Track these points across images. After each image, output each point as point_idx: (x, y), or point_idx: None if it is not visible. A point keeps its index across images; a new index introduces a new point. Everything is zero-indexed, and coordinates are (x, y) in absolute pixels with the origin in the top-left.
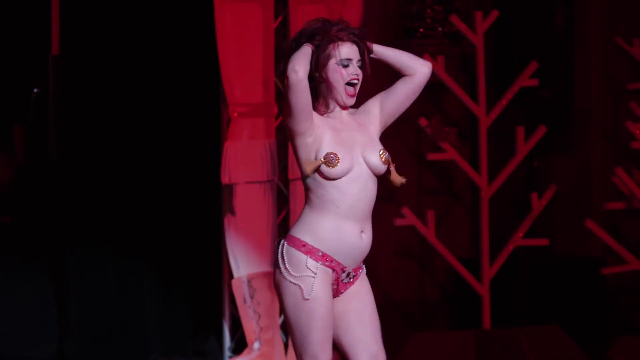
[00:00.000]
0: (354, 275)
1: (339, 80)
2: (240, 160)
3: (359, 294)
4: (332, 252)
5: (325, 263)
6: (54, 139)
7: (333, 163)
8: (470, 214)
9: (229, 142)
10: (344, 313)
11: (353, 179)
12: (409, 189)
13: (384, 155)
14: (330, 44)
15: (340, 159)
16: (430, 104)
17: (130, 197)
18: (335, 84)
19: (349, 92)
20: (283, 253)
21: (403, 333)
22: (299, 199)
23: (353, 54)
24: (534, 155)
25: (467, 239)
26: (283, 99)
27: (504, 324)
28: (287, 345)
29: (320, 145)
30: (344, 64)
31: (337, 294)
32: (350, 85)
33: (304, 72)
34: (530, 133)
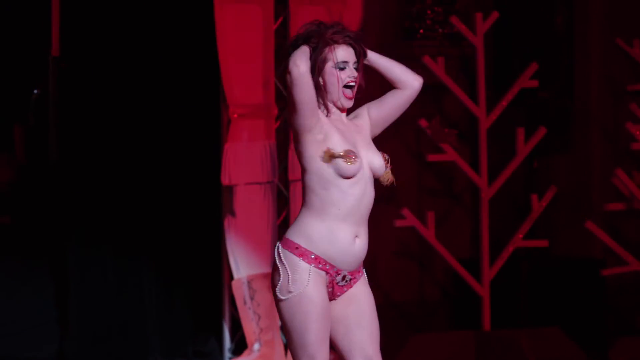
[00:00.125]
0: (351, 279)
1: (336, 83)
2: (241, 162)
3: (358, 298)
4: (325, 255)
5: (319, 266)
6: (54, 140)
7: (351, 160)
8: (470, 215)
9: (229, 143)
10: (343, 316)
11: (356, 181)
12: (409, 190)
13: (385, 157)
14: (326, 47)
15: (358, 158)
16: (431, 105)
17: (130, 197)
18: (333, 87)
19: (347, 94)
20: (277, 255)
21: (403, 334)
22: (299, 200)
23: (349, 57)
24: (534, 157)
25: (467, 240)
26: (287, 97)
27: (504, 325)
28: (287, 347)
29: (333, 143)
30: (341, 67)
31: (333, 297)
32: (348, 88)
33: (306, 66)
34: (531, 134)
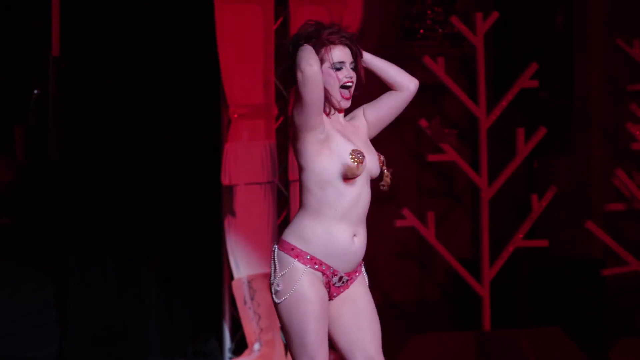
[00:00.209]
0: (348, 279)
1: (333, 84)
2: (241, 162)
3: (356, 297)
4: (322, 255)
5: (315, 266)
6: (54, 140)
7: (360, 159)
8: (471, 215)
9: (229, 143)
10: (340, 316)
11: (353, 182)
12: (409, 190)
13: (381, 158)
14: (322, 48)
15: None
16: (431, 105)
17: (131, 197)
18: (330, 88)
19: (344, 95)
20: (274, 257)
21: (403, 334)
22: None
23: (345, 57)
24: (534, 157)
25: (467, 240)
26: (295, 94)
27: (504, 325)
28: (287, 347)
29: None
30: (337, 67)
31: (330, 298)
32: (345, 88)
33: (318, 65)
34: (531, 134)
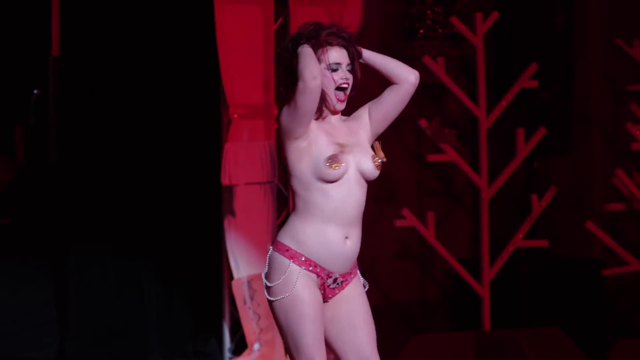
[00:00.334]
0: (343, 281)
1: (329, 85)
2: (241, 162)
3: (350, 298)
4: (315, 257)
5: (309, 268)
6: (54, 140)
7: (334, 165)
8: (470, 215)
9: (229, 143)
10: (335, 317)
11: (339, 183)
12: (409, 190)
13: (377, 160)
14: (319, 49)
15: (343, 163)
16: (430, 106)
17: (131, 197)
18: (325, 89)
19: (339, 97)
20: (269, 259)
21: (403, 334)
22: None
23: (342, 58)
24: (534, 157)
25: (467, 240)
26: (289, 100)
27: (504, 326)
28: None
29: (318, 148)
30: (333, 69)
31: (325, 300)
32: (340, 90)
33: (321, 78)
34: (530, 134)
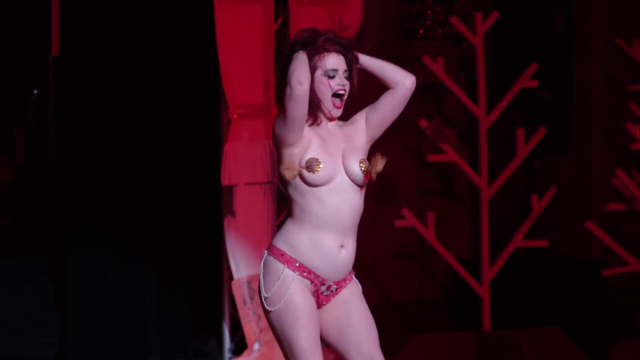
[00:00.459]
0: (337, 288)
1: (325, 92)
2: (240, 162)
3: (347, 300)
4: (309, 264)
5: (303, 274)
6: (54, 140)
7: (313, 168)
8: (470, 215)
9: (229, 143)
10: (334, 320)
11: (334, 189)
12: (409, 190)
13: (364, 165)
14: (316, 55)
15: (322, 165)
16: (430, 106)
17: (131, 197)
18: (322, 96)
19: (336, 103)
20: (263, 263)
21: (403, 334)
22: None
23: (339, 65)
24: (534, 157)
25: (467, 240)
26: (281, 107)
27: (504, 326)
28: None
29: (305, 153)
30: (330, 75)
31: (319, 306)
32: (337, 97)
33: (308, 83)
34: (530, 134)
